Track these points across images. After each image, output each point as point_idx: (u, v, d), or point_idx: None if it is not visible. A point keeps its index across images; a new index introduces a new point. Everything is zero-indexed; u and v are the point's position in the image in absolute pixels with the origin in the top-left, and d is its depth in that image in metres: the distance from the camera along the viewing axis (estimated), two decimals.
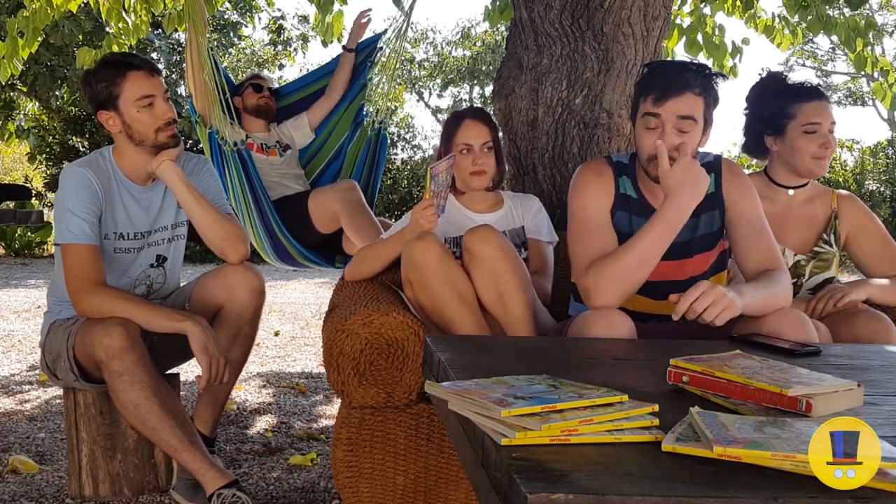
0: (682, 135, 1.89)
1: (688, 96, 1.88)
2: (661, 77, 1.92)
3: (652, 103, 1.90)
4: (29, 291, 7.64)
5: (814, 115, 2.29)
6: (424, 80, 22.05)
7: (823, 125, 2.29)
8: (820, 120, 2.29)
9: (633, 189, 2.03)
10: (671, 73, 1.92)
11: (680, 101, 1.87)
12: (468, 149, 2.35)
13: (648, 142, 1.91)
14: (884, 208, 12.17)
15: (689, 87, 1.88)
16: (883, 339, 2.06)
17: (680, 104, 1.87)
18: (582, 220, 1.99)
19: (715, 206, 2.03)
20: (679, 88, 1.88)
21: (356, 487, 1.92)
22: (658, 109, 1.89)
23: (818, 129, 2.29)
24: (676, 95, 1.87)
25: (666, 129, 1.89)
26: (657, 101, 1.89)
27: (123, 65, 2.25)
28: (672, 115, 1.88)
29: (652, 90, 1.90)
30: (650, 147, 1.91)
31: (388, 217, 11.66)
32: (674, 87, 1.88)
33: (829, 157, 2.31)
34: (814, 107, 2.30)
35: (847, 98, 23.02)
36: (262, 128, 3.61)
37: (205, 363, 2.09)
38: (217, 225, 2.30)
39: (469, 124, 2.37)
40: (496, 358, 1.57)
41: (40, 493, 2.32)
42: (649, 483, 0.88)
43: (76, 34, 9.40)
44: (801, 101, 2.32)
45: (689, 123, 1.89)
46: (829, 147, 2.29)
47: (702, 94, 1.90)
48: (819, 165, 2.31)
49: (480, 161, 2.35)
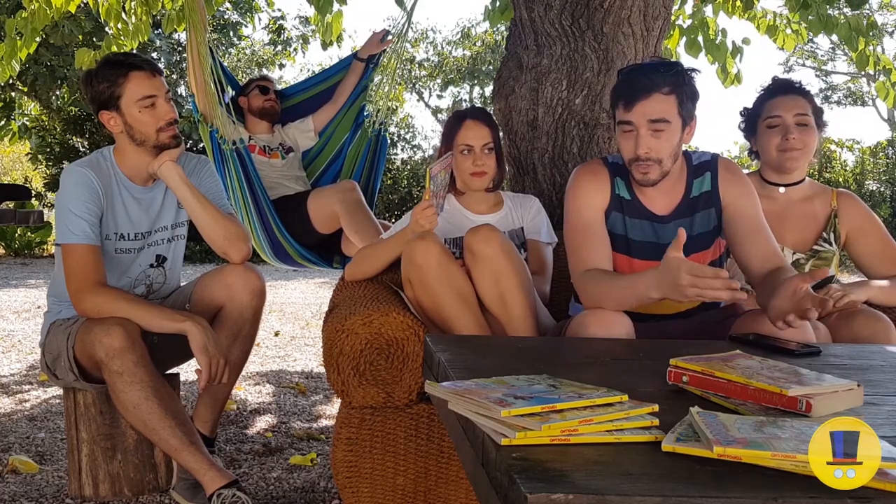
0: (656, 135, 1.91)
1: (656, 98, 1.89)
2: (627, 83, 1.94)
3: (623, 110, 1.93)
4: (29, 291, 7.64)
5: (774, 108, 2.33)
6: (424, 80, 22.04)
7: (785, 118, 2.30)
8: (780, 113, 2.31)
9: (627, 190, 2.04)
10: (637, 77, 1.93)
11: (648, 104, 1.89)
12: (469, 149, 2.35)
13: (626, 146, 1.95)
14: (884, 208, 12.17)
15: (655, 87, 1.89)
16: (883, 339, 2.06)
17: (648, 107, 1.89)
18: (576, 221, 2.01)
19: (711, 205, 2.03)
20: (646, 91, 1.89)
21: (356, 487, 1.92)
22: (629, 116, 1.91)
23: (779, 121, 2.31)
24: (644, 98, 1.89)
25: (640, 132, 1.91)
26: (626, 108, 1.92)
27: (125, 65, 2.25)
28: (643, 119, 1.90)
29: (621, 97, 1.94)
30: (629, 151, 1.94)
31: (388, 218, 11.67)
32: (640, 91, 1.89)
33: (798, 149, 2.30)
34: (777, 101, 2.33)
35: (847, 98, 23.02)
36: (265, 129, 3.61)
37: (205, 363, 2.09)
38: (219, 225, 2.30)
39: (470, 125, 2.37)
40: (496, 358, 1.57)
41: (40, 493, 2.32)
42: (649, 483, 0.88)
43: (76, 34, 9.40)
44: (766, 98, 2.36)
45: (661, 125, 1.90)
46: (790, 138, 2.28)
47: (673, 92, 1.90)
48: (786, 158, 2.31)
49: (481, 162, 2.35)
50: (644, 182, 1.96)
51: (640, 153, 1.92)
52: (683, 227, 2.00)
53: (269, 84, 3.65)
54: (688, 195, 2.03)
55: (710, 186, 2.03)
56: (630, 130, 1.92)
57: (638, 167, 1.94)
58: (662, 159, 1.93)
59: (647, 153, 1.91)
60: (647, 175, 1.94)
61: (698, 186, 2.04)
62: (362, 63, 3.76)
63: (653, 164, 1.92)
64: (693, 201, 2.03)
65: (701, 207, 2.03)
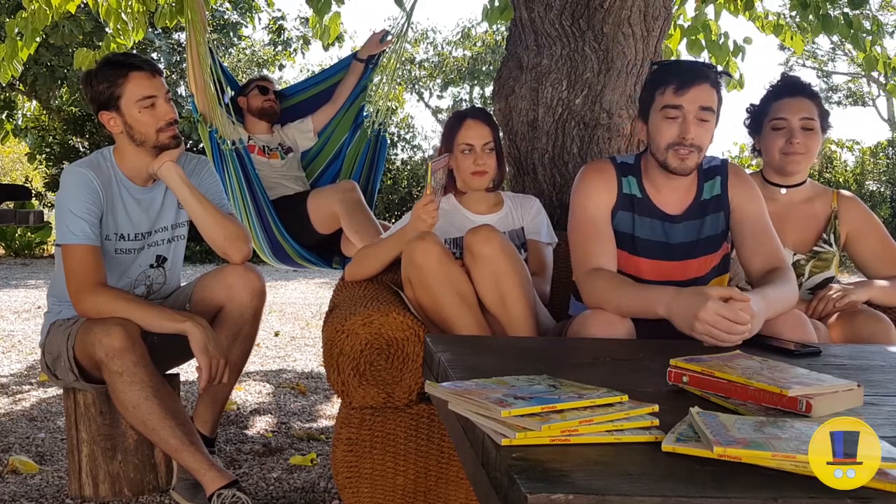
0: (702, 125, 1.91)
1: (707, 87, 1.91)
2: (679, 69, 1.95)
3: (673, 93, 1.91)
4: (29, 291, 7.64)
5: (780, 110, 2.31)
6: (424, 80, 22.05)
7: (790, 121, 2.29)
8: (786, 115, 2.30)
9: (639, 188, 2.04)
10: (688, 65, 1.97)
11: (701, 91, 1.90)
12: (469, 149, 2.35)
13: (670, 131, 1.92)
14: (884, 208, 12.17)
15: (707, 78, 1.92)
16: (883, 339, 2.07)
17: (701, 94, 1.90)
18: (582, 218, 2.01)
19: (720, 208, 2.04)
20: (700, 78, 1.91)
21: (356, 487, 1.92)
22: (680, 100, 1.90)
23: (784, 124, 2.30)
24: (699, 84, 1.90)
25: (688, 119, 1.90)
26: (678, 91, 1.90)
27: (125, 65, 2.24)
28: (694, 106, 1.90)
29: (671, 82, 1.92)
30: (671, 136, 1.92)
31: (388, 218, 11.67)
32: (695, 77, 1.91)
33: (801, 153, 2.29)
34: (783, 103, 2.32)
35: (847, 98, 23.02)
36: (265, 130, 3.62)
37: (205, 363, 2.09)
38: (219, 225, 2.30)
39: (470, 124, 2.37)
40: (496, 358, 1.57)
41: (40, 493, 2.32)
42: (649, 483, 0.88)
43: (76, 34, 9.39)
44: (773, 99, 2.35)
45: (709, 114, 1.92)
46: (794, 142, 2.28)
47: (715, 88, 1.94)
48: (789, 161, 2.30)
49: (481, 161, 2.35)
50: (681, 169, 1.94)
51: (687, 136, 1.90)
52: (693, 229, 2.01)
53: (268, 84, 3.65)
54: (699, 197, 2.04)
55: (720, 190, 2.04)
56: (675, 117, 1.91)
57: (678, 152, 1.92)
58: (703, 148, 1.94)
59: (693, 139, 1.91)
60: (685, 161, 1.92)
61: (709, 189, 2.04)
62: (362, 63, 3.76)
63: (694, 150, 1.92)
64: (704, 204, 2.04)
65: (711, 210, 2.04)
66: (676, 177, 1.97)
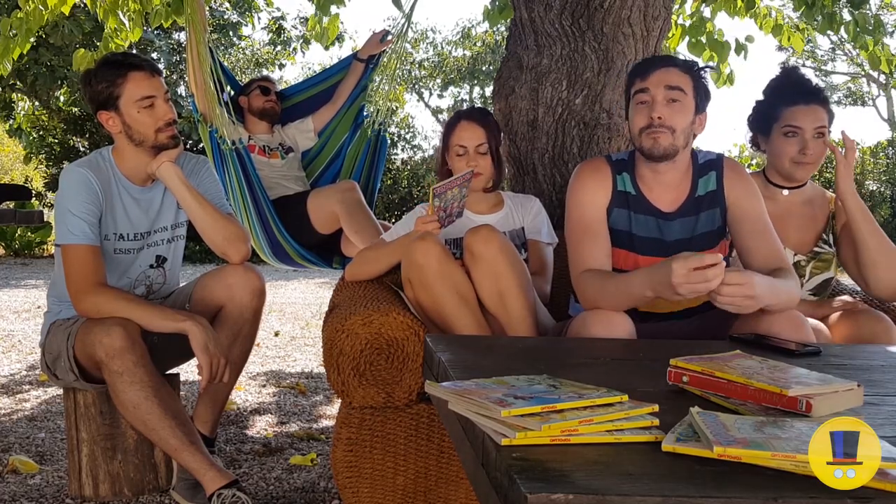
0: (672, 104, 1.92)
1: (673, 70, 1.95)
2: (643, 61, 2.02)
3: (640, 80, 1.96)
4: (29, 291, 7.64)
5: (794, 118, 2.27)
6: (424, 80, 22.05)
7: (805, 130, 2.25)
8: (800, 124, 2.26)
9: (633, 185, 2.04)
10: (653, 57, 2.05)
11: (666, 73, 1.93)
12: (463, 150, 2.36)
13: (640, 116, 1.95)
14: (884, 208, 12.17)
15: (674, 63, 1.97)
16: (884, 338, 2.07)
17: (666, 75, 1.93)
18: (577, 219, 2.02)
19: (716, 205, 2.03)
20: (664, 62, 1.96)
21: (356, 487, 1.92)
22: (645, 84, 1.94)
23: (798, 132, 2.26)
24: (662, 67, 1.94)
25: (657, 99, 1.92)
26: (644, 76, 1.95)
27: (124, 65, 2.24)
28: (659, 87, 1.92)
29: (638, 72, 1.98)
30: (641, 119, 1.95)
31: (388, 218, 11.66)
32: (658, 63, 1.96)
33: (812, 163, 2.27)
34: (797, 111, 2.27)
35: (847, 98, 23.02)
36: (265, 130, 3.62)
37: (206, 363, 2.09)
38: (218, 225, 2.30)
39: (464, 126, 2.37)
40: (496, 358, 1.57)
41: (40, 493, 2.32)
42: (649, 483, 0.88)
43: (76, 34, 9.40)
44: (787, 104, 2.29)
45: (677, 93, 1.92)
46: (807, 153, 2.25)
47: (688, 73, 1.96)
48: (798, 169, 2.29)
49: (474, 163, 2.34)
50: (654, 150, 1.93)
51: (653, 116, 1.91)
52: (688, 226, 2.01)
53: (270, 85, 3.65)
54: (693, 193, 2.04)
55: (715, 186, 2.03)
56: (644, 101, 1.94)
57: (649, 134, 1.92)
58: (675, 129, 1.92)
59: (660, 119, 1.91)
60: (657, 141, 1.92)
61: (703, 185, 2.04)
62: (362, 63, 3.76)
63: (665, 130, 1.91)
64: (698, 200, 2.03)
65: (706, 207, 2.03)
66: (662, 169, 1.97)
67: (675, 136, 1.93)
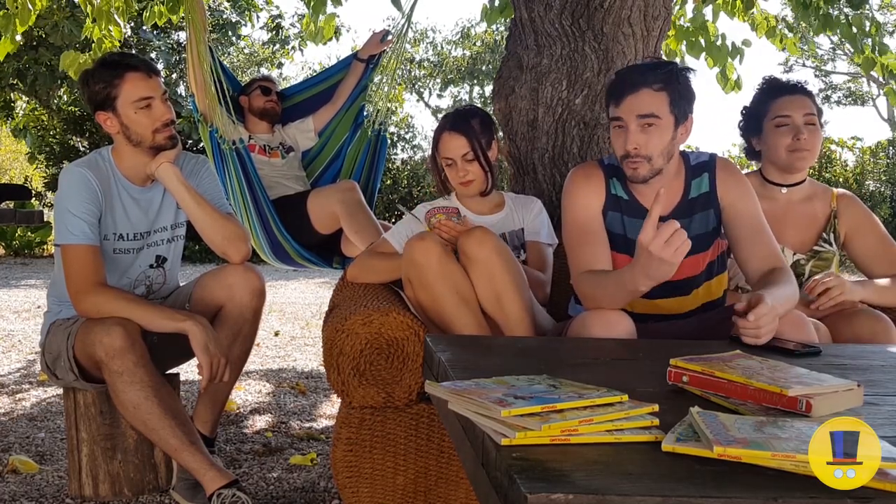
0: (646, 131, 1.91)
1: (644, 93, 1.90)
2: (617, 79, 1.96)
3: (614, 106, 1.94)
4: (29, 291, 7.64)
5: (782, 108, 2.31)
6: (424, 80, 22.05)
7: (794, 117, 2.29)
8: (789, 112, 2.30)
9: (624, 190, 2.04)
10: (627, 73, 1.96)
11: (636, 99, 1.90)
12: (451, 162, 2.36)
13: (617, 143, 1.96)
14: (884, 208, 12.16)
15: (644, 83, 1.90)
16: (883, 339, 2.07)
17: (636, 102, 1.90)
18: (573, 223, 2.02)
19: (709, 206, 2.03)
20: (633, 86, 1.90)
21: (356, 487, 1.92)
22: (618, 112, 1.93)
23: (788, 121, 2.30)
24: (631, 93, 1.90)
25: (630, 128, 1.91)
26: (616, 104, 1.93)
27: (121, 66, 2.24)
28: (631, 115, 1.90)
29: (612, 95, 1.95)
30: (619, 148, 1.95)
31: (388, 218, 11.66)
32: (628, 87, 1.91)
33: (808, 149, 2.29)
34: (784, 101, 2.32)
35: (847, 98, 23.02)
36: (265, 129, 3.62)
37: (206, 362, 2.09)
38: (217, 225, 2.30)
39: (446, 138, 2.36)
40: (496, 358, 1.57)
41: (40, 493, 2.32)
42: (649, 483, 0.88)
43: (76, 34, 9.38)
44: (772, 98, 2.35)
45: (650, 120, 1.90)
46: (800, 138, 2.28)
47: (664, 89, 1.90)
48: (797, 158, 2.30)
49: (463, 172, 2.35)
50: (634, 178, 1.96)
51: (628, 149, 1.92)
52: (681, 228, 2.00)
53: (271, 85, 3.66)
54: (686, 195, 2.03)
55: (708, 187, 2.03)
56: (621, 126, 1.93)
57: (628, 164, 1.94)
58: (652, 156, 1.93)
59: (636, 149, 1.91)
60: (636, 171, 1.94)
61: (697, 187, 2.04)
62: (362, 63, 3.77)
63: (641, 160, 1.92)
64: (691, 202, 2.03)
65: (699, 209, 2.03)
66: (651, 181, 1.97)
67: (653, 161, 1.94)
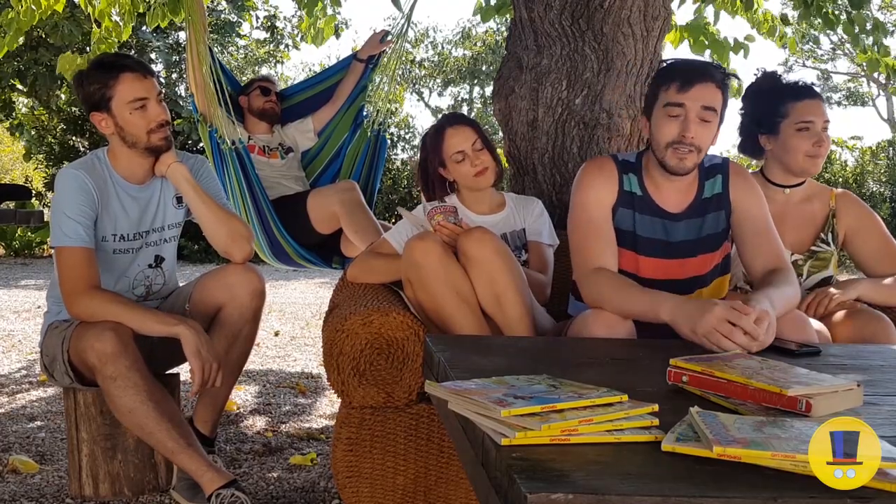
0: (704, 125, 1.90)
1: (711, 86, 1.89)
2: (684, 67, 1.94)
3: (676, 91, 1.90)
4: (29, 291, 7.64)
5: (806, 113, 2.30)
6: (424, 80, 22.05)
7: (816, 123, 2.29)
8: (812, 118, 2.30)
9: (639, 187, 2.03)
10: (694, 64, 1.96)
11: (705, 89, 1.88)
12: (462, 155, 2.35)
13: (669, 129, 1.91)
14: (884, 208, 12.16)
15: (712, 77, 1.90)
16: (883, 338, 2.06)
17: (705, 92, 1.88)
18: (582, 217, 2.00)
19: (721, 207, 2.03)
20: (704, 77, 1.89)
21: (356, 487, 1.92)
22: (682, 98, 1.89)
23: (811, 126, 2.29)
24: (701, 83, 1.88)
25: (689, 117, 1.89)
26: (682, 89, 1.89)
27: (116, 67, 2.23)
28: (697, 104, 1.88)
29: (675, 79, 1.90)
30: (671, 134, 1.90)
31: (388, 218, 11.66)
32: (699, 75, 1.89)
33: (822, 156, 2.32)
34: (806, 105, 2.31)
35: (847, 98, 23.03)
36: (265, 130, 3.62)
37: (197, 367, 2.08)
38: (222, 223, 2.31)
39: (452, 132, 2.36)
40: (496, 358, 1.57)
41: (40, 493, 2.32)
42: (649, 483, 0.88)
43: (76, 34, 9.39)
44: (793, 100, 2.33)
45: (711, 114, 1.90)
46: (822, 145, 2.29)
47: (720, 89, 1.91)
48: (813, 164, 2.31)
49: (478, 161, 2.35)
50: (678, 168, 1.92)
51: (687, 135, 1.88)
52: (694, 227, 2.01)
53: (270, 85, 3.66)
54: (700, 195, 2.04)
55: (721, 189, 2.04)
56: (677, 115, 1.90)
57: (676, 151, 1.91)
58: (703, 149, 1.92)
59: (693, 138, 1.89)
60: (683, 161, 1.91)
61: (710, 188, 2.04)
62: (362, 63, 3.77)
63: (693, 150, 1.91)
64: (705, 202, 2.03)
65: (712, 209, 2.03)
66: (677, 178, 1.97)
67: (700, 155, 1.93)
